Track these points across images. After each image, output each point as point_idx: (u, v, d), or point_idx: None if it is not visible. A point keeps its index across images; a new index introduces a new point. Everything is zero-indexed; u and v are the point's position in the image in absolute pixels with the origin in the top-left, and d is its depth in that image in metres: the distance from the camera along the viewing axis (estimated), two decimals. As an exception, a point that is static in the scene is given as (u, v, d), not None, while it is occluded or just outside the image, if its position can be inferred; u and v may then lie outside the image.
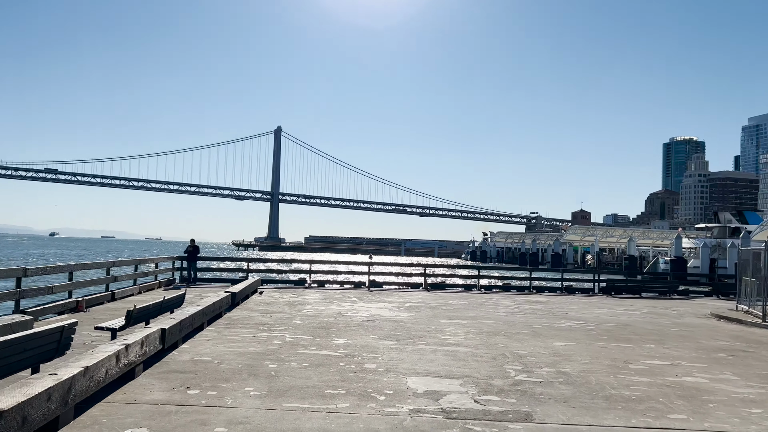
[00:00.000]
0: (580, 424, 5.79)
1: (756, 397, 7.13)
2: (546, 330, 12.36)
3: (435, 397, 6.63)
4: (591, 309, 17.44)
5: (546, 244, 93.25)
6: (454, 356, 9.01)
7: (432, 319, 13.55)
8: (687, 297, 25.14)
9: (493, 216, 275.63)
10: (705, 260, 49.82)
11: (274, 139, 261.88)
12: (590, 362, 8.92)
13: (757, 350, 10.75)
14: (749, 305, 17.13)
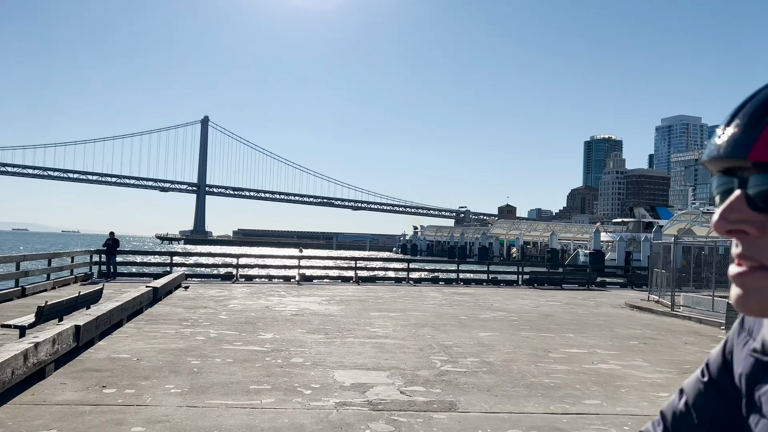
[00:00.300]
0: (501, 412, 5.95)
1: (663, 381, 7.56)
2: (472, 321, 12.64)
3: (362, 389, 6.64)
4: (515, 300, 17.99)
5: (474, 237, 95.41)
6: (382, 348, 9.06)
7: (361, 312, 13.59)
8: (604, 288, 26.38)
9: (423, 210, 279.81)
10: (621, 253, 52.39)
11: (200, 129, 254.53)
12: (513, 351, 9.20)
13: (665, 338, 11.41)
14: (660, 295, 18.17)
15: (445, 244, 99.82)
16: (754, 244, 0.68)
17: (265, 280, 23.19)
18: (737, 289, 0.71)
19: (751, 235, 0.68)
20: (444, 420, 5.64)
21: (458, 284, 24.93)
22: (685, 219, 41.86)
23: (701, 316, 14.45)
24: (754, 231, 0.68)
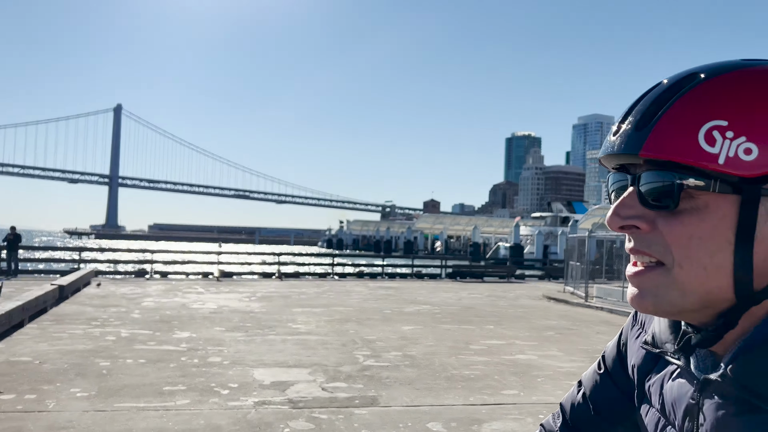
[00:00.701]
0: (422, 405, 5.98)
1: (577, 370, 7.85)
2: (396, 315, 12.70)
3: (282, 387, 6.50)
4: (438, 293, 18.27)
5: (399, 231, 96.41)
6: (305, 345, 8.92)
7: (284, 308, 13.36)
8: (523, 280, 27.28)
9: (349, 204, 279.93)
10: (539, 246, 54.42)
11: (113, 118, 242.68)
12: (435, 344, 9.29)
13: (579, 328, 11.89)
14: (575, 287, 18.96)
15: (371, 239, 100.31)
16: (645, 238, 0.70)
17: (182, 277, 22.43)
18: (633, 288, 0.73)
19: (642, 230, 0.70)
20: (365, 415, 5.60)
21: (383, 278, 25.07)
22: (598, 213, 43.86)
23: (612, 306, 15.18)
24: (645, 226, 0.70)
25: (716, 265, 0.67)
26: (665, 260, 0.70)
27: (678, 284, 0.69)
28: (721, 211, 0.67)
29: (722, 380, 0.69)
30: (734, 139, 0.64)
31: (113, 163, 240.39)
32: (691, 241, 0.67)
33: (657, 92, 0.70)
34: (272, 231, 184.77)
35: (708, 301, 0.69)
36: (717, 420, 0.69)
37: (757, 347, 0.67)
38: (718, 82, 0.68)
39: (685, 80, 0.70)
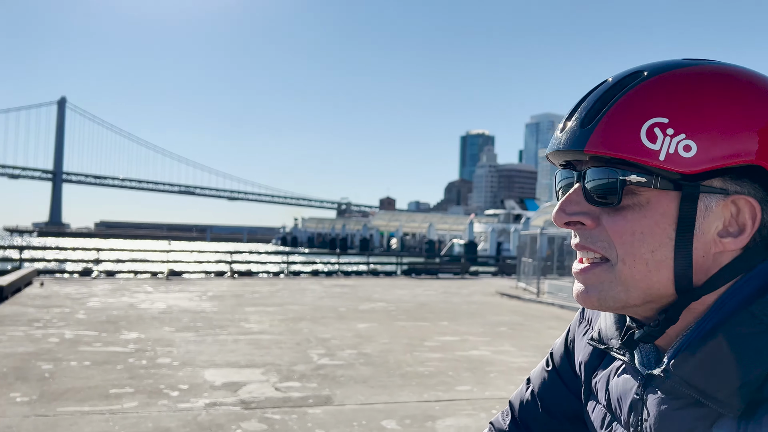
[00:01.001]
0: (377, 403, 5.96)
1: (528, 365, 7.98)
2: (351, 313, 12.66)
3: (234, 388, 6.37)
4: (393, 290, 18.31)
5: (355, 229, 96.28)
6: (257, 344, 8.79)
7: (236, 307, 13.14)
8: (477, 277, 27.63)
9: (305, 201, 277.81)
10: (493, 243, 55.27)
11: (57, 111, 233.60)
12: (390, 342, 9.30)
13: (531, 323, 12.11)
14: (527, 283, 19.31)
15: (327, 236, 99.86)
16: (590, 234, 0.72)
17: (129, 276, 21.79)
18: (579, 284, 0.74)
19: (587, 226, 0.72)
20: (319, 414, 5.55)
21: (339, 276, 24.97)
22: (550, 211, 44.80)
23: (563, 302, 15.53)
24: (590, 222, 0.71)
25: (657, 261, 0.69)
26: (609, 256, 0.71)
27: (621, 280, 0.70)
28: (662, 208, 0.68)
29: (665, 375, 0.70)
30: (674, 136, 0.65)
31: (57, 158, 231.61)
32: (634, 237, 0.69)
33: (602, 90, 0.71)
34: (224, 229, 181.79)
35: (650, 296, 0.70)
36: (660, 414, 0.71)
37: (697, 343, 0.68)
38: (660, 81, 0.69)
39: (629, 78, 0.71)
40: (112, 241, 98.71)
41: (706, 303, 0.70)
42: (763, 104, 0.67)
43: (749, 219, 0.68)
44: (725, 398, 0.64)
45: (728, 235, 0.69)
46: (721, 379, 0.65)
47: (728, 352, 0.65)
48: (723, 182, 0.68)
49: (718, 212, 0.68)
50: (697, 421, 0.67)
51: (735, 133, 0.66)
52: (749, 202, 0.68)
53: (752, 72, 0.70)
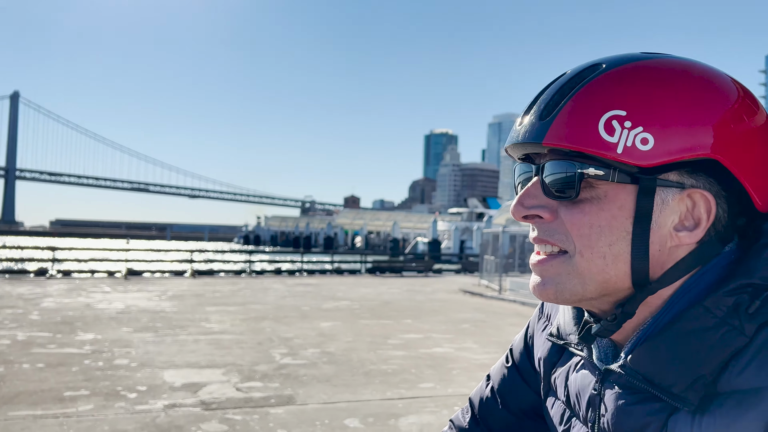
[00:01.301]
0: (339, 402, 5.94)
1: (491, 362, 8.07)
2: (314, 312, 12.59)
3: (194, 389, 6.26)
4: (357, 289, 18.29)
5: (319, 227, 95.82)
6: (218, 344, 8.66)
7: (197, 307, 12.92)
8: (441, 275, 27.84)
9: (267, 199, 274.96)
10: (456, 241, 55.69)
11: (10, 106, 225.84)
12: (353, 340, 9.28)
13: (493, 320, 12.25)
14: (489, 280, 19.54)
15: (290, 235, 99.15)
16: (548, 227, 0.71)
17: (86, 276, 21.22)
18: (536, 277, 0.73)
19: (545, 219, 0.71)
20: (282, 414, 5.49)
21: (302, 275, 24.81)
22: (511, 209, 45.15)
23: (524, 299, 15.75)
24: (548, 215, 0.71)
25: (614, 254, 0.68)
26: (567, 249, 0.70)
27: (578, 272, 0.70)
28: (620, 201, 0.68)
29: (622, 370, 0.70)
30: (632, 129, 0.65)
31: (9, 154, 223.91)
32: (591, 230, 0.68)
33: (560, 83, 0.71)
34: (185, 227, 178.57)
35: (607, 289, 0.70)
36: (617, 409, 0.71)
37: (654, 337, 0.68)
38: (618, 73, 0.68)
39: (587, 71, 0.70)
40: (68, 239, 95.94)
41: (662, 297, 0.70)
42: (718, 98, 0.67)
43: (704, 213, 0.68)
44: (681, 392, 0.64)
45: (684, 229, 0.69)
46: (676, 374, 0.65)
47: (683, 347, 0.65)
48: (679, 176, 0.68)
49: (674, 206, 0.68)
50: (654, 415, 0.67)
51: (691, 126, 0.65)
52: (705, 196, 0.68)
53: (707, 66, 0.71)
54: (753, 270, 0.66)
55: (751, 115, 0.68)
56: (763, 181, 0.69)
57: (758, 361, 0.61)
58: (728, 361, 0.63)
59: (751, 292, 0.65)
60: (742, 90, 0.70)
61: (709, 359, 0.64)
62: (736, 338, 0.63)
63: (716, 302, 0.65)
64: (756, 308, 0.63)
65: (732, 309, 0.64)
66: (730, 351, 0.63)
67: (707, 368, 0.64)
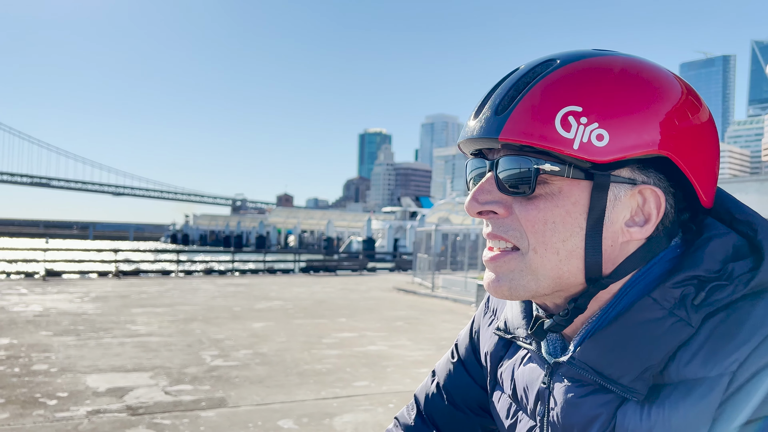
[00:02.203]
0: (273, 403, 5.85)
1: (424, 358, 8.17)
2: (246, 312, 12.35)
3: (119, 393, 6.00)
4: (291, 288, 18.08)
5: (251, 226, 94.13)
6: (145, 347, 8.34)
7: (122, 309, 12.41)
8: (375, 273, 27.94)
9: (197, 197, 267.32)
10: (390, 240, 56.07)
11: None
12: (287, 340, 9.16)
13: (426, 317, 12.40)
14: (422, 278, 19.76)
15: (221, 234, 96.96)
16: (503, 223, 0.71)
17: (1, 277, 19.98)
18: (490, 273, 0.73)
19: (499, 215, 0.71)
20: (213, 417, 5.35)
21: (233, 275, 24.29)
22: (444, 208, 46.21)
23: (456, 296, 16.04)
24: (503, 211, 0.71)
25: (568, 250, 0.69)
26: (521, 245, 0.70)
27: (532, 269, 0.70)
28: (574, 197, 0.68)
29: (571, 363, 0.71)
30: (588, 125, 0.65)
31: None
32: (546, 226, 0.68)
33: (515, 78, 0.70)
34: (109, 226, 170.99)
35: (560, 285, 0.70)
36: (566, 402, 0.71)
37: (603, 329, 0.69)
38: (573, 69, 0.68)
39: (542, 66, 0.70)
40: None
41: (611, 291, 0.71)
42: (667, 96, 0.68)
43: (654, 209, 0.70)
44: (629, 383, 0.66)
45: (635, 225, 0.70)
46: (625, 364, 0.66)
47: (631, 338, 0.66)
48: (631, 172, 0.69)
49: (626, 202, 0.69)
50: (603, 406, 0.68)
51: (643, 123, 0.66)
52: (655, 192, 0.69)
53: (654, 64, 0.72)
54: (698, 262, 0.67)
55: (695, 112, 0.70)
56: (707, 177, 0.71)
57: (705, 351, 0.63)
58: (675, 352, 0.65)
59: (696, 284, 0.66)
60: (686, 87, 0.71)
61: (657, 350, 0.65)
62: (683, 329, 0.64)
63: (663, 294, 0.66)
64: (701, 299, 0.65)
65: (679, 300, 0.66)
66: (678, 341, 0.64)
67: (655, 359, 0.65)
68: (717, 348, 0.62)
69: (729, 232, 0.70)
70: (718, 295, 0.65)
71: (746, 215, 0.72)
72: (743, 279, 0.65)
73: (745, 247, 0.69)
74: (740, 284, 0.65)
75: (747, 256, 0.68)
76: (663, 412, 0.63)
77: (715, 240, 0.69)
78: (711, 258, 0.67)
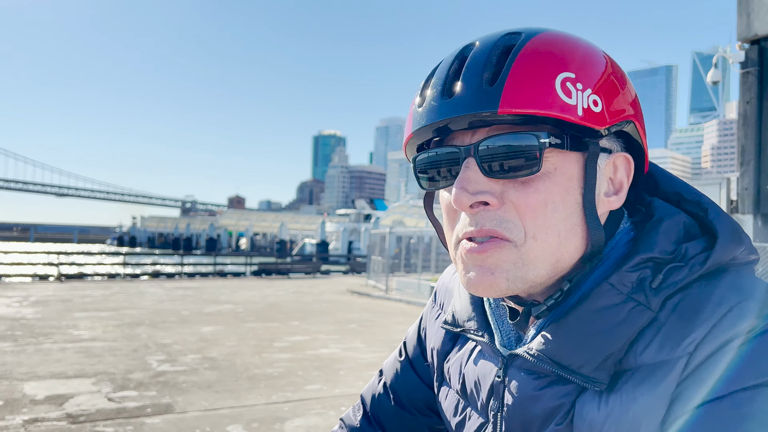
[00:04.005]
0: (222, 408, 5.70)
1: (377, 360, 8.13)
2: (195, 316, 12.05)
3: (59, 401, 5.74)
4: (242, 292, 17.78)
5: (201, 228, 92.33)
6: (88, 353, 8.03)
7: (64, 313, 11.93)
8: (329, 276, 27.77)
9: (144, 199, 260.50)
10: (344, 242, 55.92)
11: None
12: (237, 344, 8.98)
13: (380, 319, 12.38)
14: (376, 281, 19.76)
15: (169, 236, 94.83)
16: (494, 216, 0.63)
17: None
18: (477, 266, 0.64)
19: (492, 206, 0.63)
20: (159, 424, 5.17)
21: (182, 278, 23.73)
22: (398, 211, 46.43)
23: (410, 298, 16.10)
24: (495, 201, 0.63)
25: (568, 230, 0.65)
26: (516, 237, 0.64)
27: (530, 258, 0.64)
28: (569, 171, 0.64)
29: (528, 354, 0.67)
30: (584, 90, 0.62)
31: None
32: (547, 208, 0.63)
33: (484, 50, 0.64)
34: (52, 228, 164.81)
35: (557, 269, 0.66)
36: (524, 396, 0.68)
37: (561, 318, 0.66)
38: (548, 39, 0.65)
39: (511, 38, 0.65)
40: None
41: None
42: (617, 65, 0.69)
43: (625, 176, 0.68)
44: (591, 372, 0.63)
45: (612, 194, 0.68)
46: (585, 354, 0.63)
47: (591, 326, 0.64)
48: (608, 140, 0.67)
49: (605, 171, 0.67)
50: (563, 398, 0.65)
51: (619, 90, 0.65)
52: (627, 159, 0.68)
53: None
54: (653, 244, 0.66)
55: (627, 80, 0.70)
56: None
57: (662, 335, 0.61)
58: (636, 337, 0.63)
59: (652, 266, 0.65)
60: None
61: (617, 337, 0.62)
62: (643, 313, 0.62)
63: (621, 279, 0.64)
64: (659, 282, 0.63)
65: (636, 285, 0.64)
66: (638, 327, 0.62)
67: (616, 346, 0.62)
68: (674, 331, 0.61)
69: (678, 212, 0.69)
70: (675, 277, 0.63)
71: (695, 195, 0.71)
72: (698, 259, 0.64)
73: (695, 227, 0.68)
74: (696, 265, 0.63)
75: (698, 235, 0.67)
76: (620, 398, 0.61)
77: (667, 221, 0.67)
78: (665, 239, 0.66)
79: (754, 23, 8.55)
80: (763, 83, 8.54)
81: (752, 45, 8.67)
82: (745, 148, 8.67)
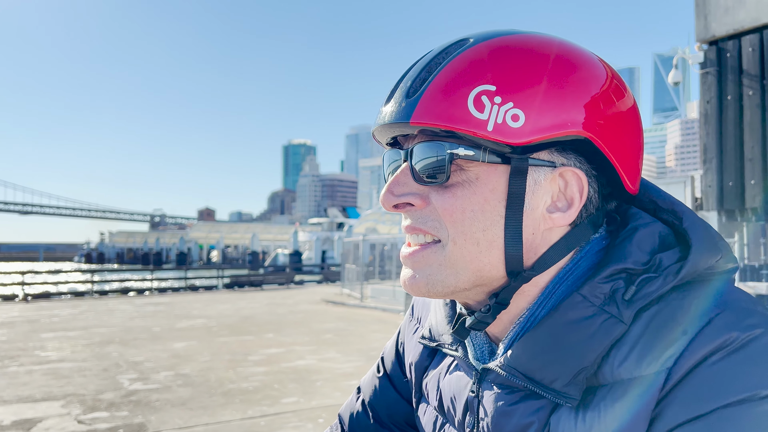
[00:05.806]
0: (196, 425, 5.58)
1: (354, 370, 8.07)
2: (167, 332, 11.83)
3: (27, 426, 5.56)
4: (214, 305, 17.52)
5: (171, 242, 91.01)
6: (56, 374, 7.80)
7: (30, 334, 11.59)
8: (303, 286, 27.57)
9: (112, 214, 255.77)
10: (318, 252, 55.62)
11: None
12: (211, 360, 8.82)
13: (356, 328, 12.31)
14: (351, 289, 19.68)
15: (139, 251, 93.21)
16: (420, 215, 0.67)
17: None
18: (407, 270, 0.68)
19: (416, 206, 0.67)
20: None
21: (153, 294, 23.30)
22: (371, 218, 46.38)
23: (385, 305, 16.06)
24: (420, 202, 0.67)
25: (489, 241, 0.64)
26: (441, 236, 0.66)
27: (452, 262, 0.65)
28: (492, 183, 0.64)
29: (500, 368, 0.66)
30: (502, 104, 0.61)
31: None
32: (465, 215, 0.64)
33: (426, 60, 0.66)
34: (16, 247, 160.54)
35: (480, 278, 0.66)
36: (497, 411, 0.66)
37: (532, 331, 0.64)
38: (486, 47, 0.64)
39: (454, 46, 0.66)
40: None
41: (538, 285, 0.67)
42: (588, 77, 0.65)
43: (577, 192, 0.66)
44: (562, 387, 0.61)
45: (557, 210, 0.66)
46: (557, 368, 0.61)
47: (561, 339, 0.62)
48: (550, 154, 0.65)
49: (546, 186, 0.65)
50: (536, 413, 0.63)
51: (562, 103, 0.62)
52: (576, 174, 0.65)
53: (576, 45, 0.69)
54: (625, 255, 0.64)
55: (619, 96, 0.67)
56: (632, 162, 0.68)
57: (639, 349, 0.59)
58: (609, 351, 0.61)
59: (625, 277, 0.63)
60: (610, 71, 0.68)
61: (589, 350, 0.61)
62: (615, 326, 0.61)
63: (592, 290, 0.63)
64: (632, 294, 0.61)
65: (609, 296, 0.62)
66: (610, 340, 0.60)
67: (588, 360, 0.61)
68: (651, 345, 0.59)
69: (654, 221, 0.67)
70: (648, 288, 0.61)
71: (670, 203, 0.69)
72: (672, 270, 0.62)
73: (671, 236, 0.67)
74: (670, 275, 0.62)
75: (673, 245, 0.65)
76: (598, 415, 0.59)
77: (641, 230, 0.66)
78: (638, 249, 0.64)
79: (711, 24, 8.78)
80: (722, 83, 8.75)
81: (710, 46, 8.89)
82: (707, 146, 8.87)
